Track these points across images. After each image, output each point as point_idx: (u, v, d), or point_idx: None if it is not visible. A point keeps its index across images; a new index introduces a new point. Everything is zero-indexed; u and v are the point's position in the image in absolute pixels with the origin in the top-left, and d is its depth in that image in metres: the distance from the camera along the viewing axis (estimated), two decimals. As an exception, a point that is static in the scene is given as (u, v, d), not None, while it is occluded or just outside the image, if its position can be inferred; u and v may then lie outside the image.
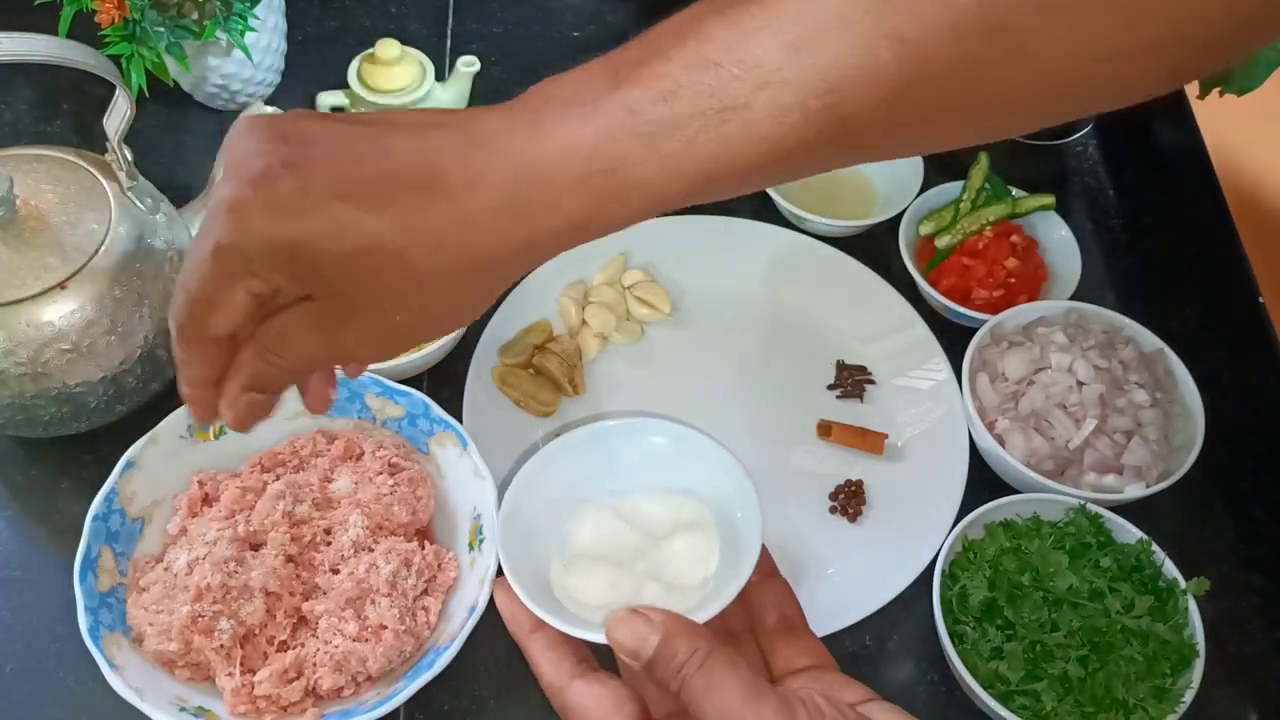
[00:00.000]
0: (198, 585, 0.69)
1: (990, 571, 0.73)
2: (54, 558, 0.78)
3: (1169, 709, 0.68)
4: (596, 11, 1.11)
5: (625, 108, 0.44)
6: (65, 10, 0.85)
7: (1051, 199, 0.93)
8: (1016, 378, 0.83)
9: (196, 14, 0.88)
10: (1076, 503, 0.76)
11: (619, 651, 0.50)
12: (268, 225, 0.43)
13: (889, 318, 0.91)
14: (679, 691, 0.48)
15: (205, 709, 0.68)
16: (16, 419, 0.76)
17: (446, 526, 0.77)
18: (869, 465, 0.85)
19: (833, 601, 0.77)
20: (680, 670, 0.47)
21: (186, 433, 0.77)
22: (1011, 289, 0.89)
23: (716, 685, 0.47)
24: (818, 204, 0.93)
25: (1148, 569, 0.74)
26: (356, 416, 0.80)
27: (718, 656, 0.48)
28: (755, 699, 0.46)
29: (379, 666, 0.70)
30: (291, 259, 0.43)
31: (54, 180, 0.77)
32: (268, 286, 0.45)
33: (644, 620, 0.49)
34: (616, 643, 0.49)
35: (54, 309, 0.73)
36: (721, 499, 0.57)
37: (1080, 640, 0.70)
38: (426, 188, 0.44)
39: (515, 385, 0.86)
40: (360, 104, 0.94)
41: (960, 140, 0.52)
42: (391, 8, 1.11)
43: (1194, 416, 0.81)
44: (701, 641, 0.48)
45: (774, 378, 0.90)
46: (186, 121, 1.01)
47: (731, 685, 0.47)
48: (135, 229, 0.77)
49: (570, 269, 0.92)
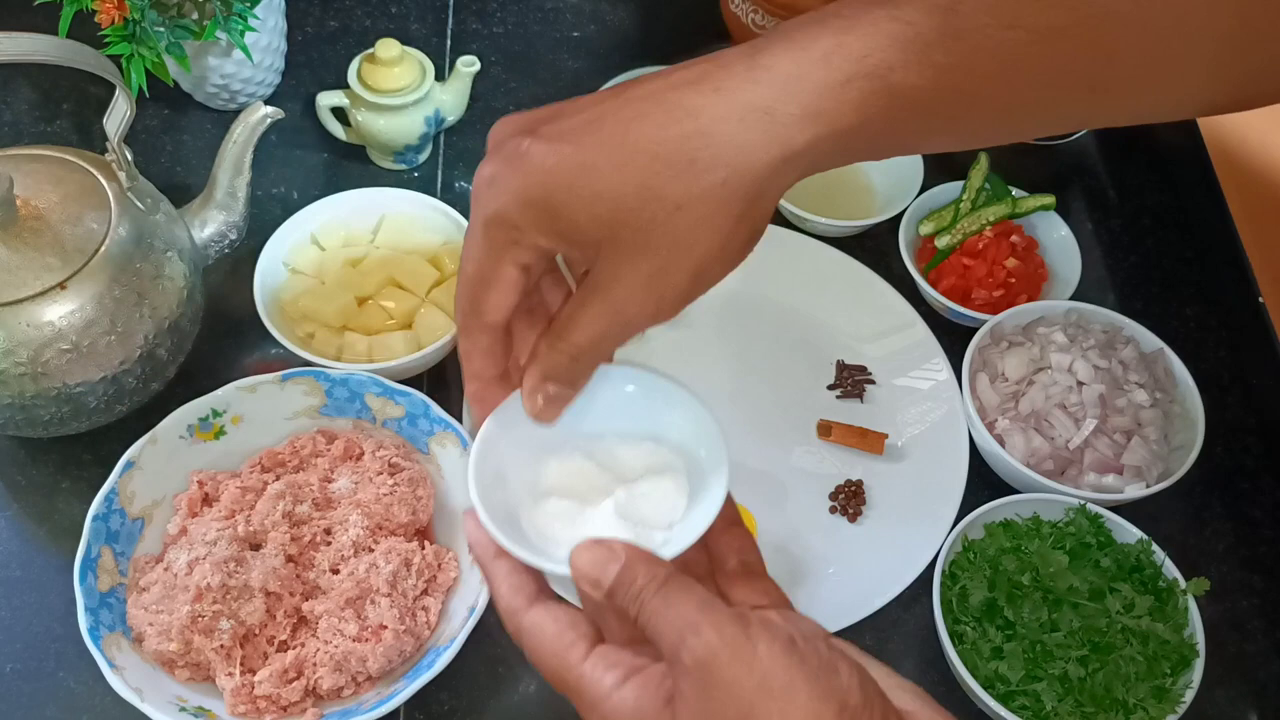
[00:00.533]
0: (198, 585, 0.69)
1: (990, 571, 0.73)
2: (54, 558, 0.78)
3: (1169, 709, 0.68)
4: (596, 11, 1.11)
5: (898, 19, 0.44)
6: (65, 10, 0.85)
7: (1051, 199, 0.93)
8: (1016, 378, 0.83)
9: (196, 14, 0.88)
10: (1076, 503, 0.76)
11: (580, 580, 0.49)
12: (522, 184, 0.44)
13: (889, 318, 0.91)
14: (637, 615, 0.47)
15: (205, 709, 0.68)
16: (16, 419, 0.76)
17: (446, 526, 0.77)
18: (869, 465, 0.85)
19: (833, 601, 0.77)
20: (639, 594, 0.47)
21: (186, 433, 0.77)
22: (1011, 289, 0.89)
23: (674, 602, 0.46)
24: (818, 204, 0.93)
25: (1148, 569, 0.74)
26: (356, 416, 0.80)
27: (676, 579, 0.47)
28: (710, 609, 0.46)
29: (379, 666, 0.70)
30: (549, 212, 0.44)
31: (54, 180, 0.77)
32: (535, 255, 0.46)
33: (606, 549, 0.48)
34: (578, 569, 0.49)
35: (54, 309, 0.73)
36: (691, 447, 0.57)
37: (1080, 640, 0.70)
38: (668, 113, 0.44)
39: (515, 385, 0.86)
40: (360, 104, 0.94)
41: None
42: (391, 8, 1.11)
43: (1194, 416, 0.81)
44: (660, 569, 0.48)
45: (774, 378, 0.90)
46: (186, 121, 1.01)
47: (688, 599, 0.46)
48: (135, 229, 0.77)
49: (570, 269, 0.92)
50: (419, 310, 0.86)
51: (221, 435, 0.79)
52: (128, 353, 0.76)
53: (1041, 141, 1.04)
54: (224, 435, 0.79)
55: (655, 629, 0.47)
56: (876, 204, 0.98)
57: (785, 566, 0.80)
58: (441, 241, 0.89)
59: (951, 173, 0.96)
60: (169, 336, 0.78)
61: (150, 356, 0.78)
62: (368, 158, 1.00)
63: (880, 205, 0.97)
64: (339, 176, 0.98)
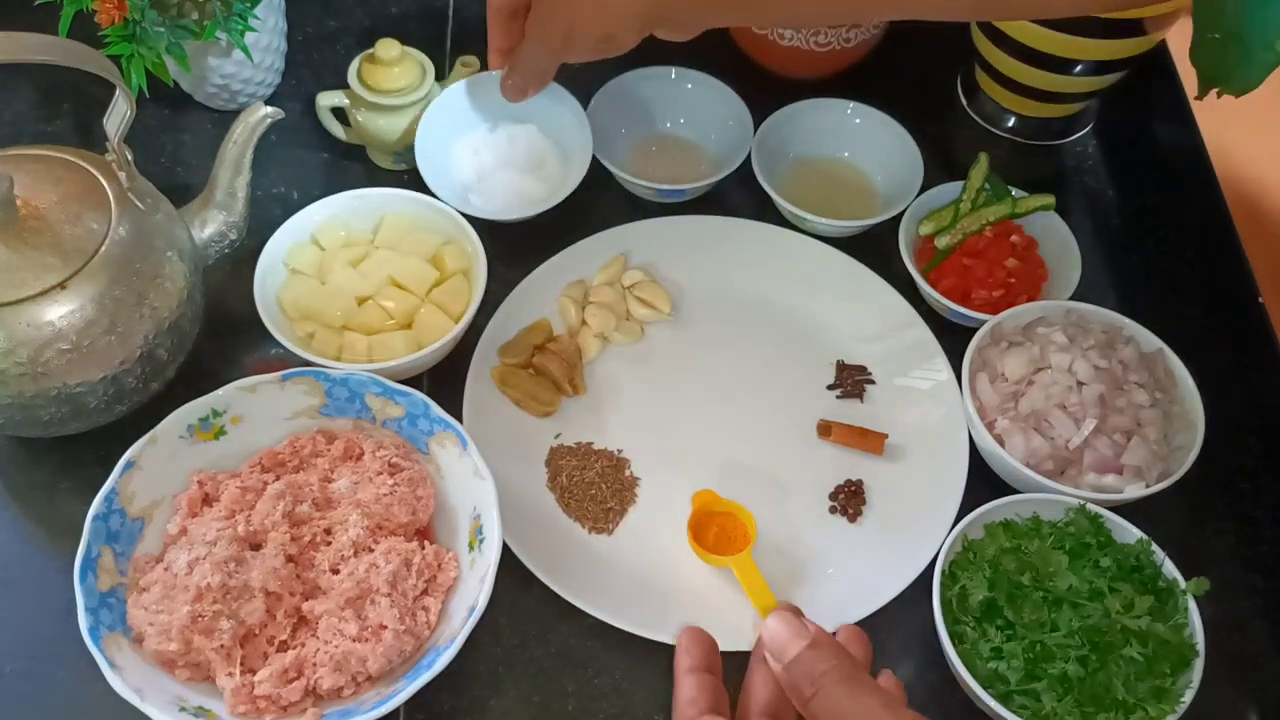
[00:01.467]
0: (198, 585, 0.69)
1: (990, 571, 0.73)
2: (54, 558, 0.78)
3: (1169, 709, 0.68)
4: (596, 11, 1.11)
5: None
6: (65, 10, 0.85)
7: (1051, 199, 0.93)
8: (1016, 378, 0.83)
9: (196, 14, 0.88)
10: (1076, 503, 0.76)
11: (766, 646, 0.57)
12: None
13: (889, 318, 0.91)
14: (812, 696, 0.53)
15: (205, 709, 0.68)
16: (16, 419, 0.76)
17: (446, 526, 0.78)
18: (869, 465, 0.85)
19: (833, 601, 0.77)
20: (821, 676, 0.52)
21: (186, 433, 0.77)
22: (1011, 289, 0.89)
23: (859, 694, 0.53)
24: (818, 204, 0.93)
25: (1148, 569, 0.74)
26: (356, 416, 0.80)
27: (862, 674, 0.55)
28: (893, 709, 0.53)
29: (379, 666, 0.70)
30: None
31: (54, 180, 0.77)
32: None
33: (799, 626, 0.57)
34: (768, 637, 0.57)
35: (54, 309, 0.73)
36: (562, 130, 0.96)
37: (1080, 640, 0.70)
38: None
39: (515, 385, 0.86)
40: (360, 104, 0.94)
41: None
42: (391, 8, 1.11)
43: (1194, 416, 0.81)
44: (847, 659, 0.52)
45: (774, 377, 0.90)
46: (186, 121, 1.01)
47: (874, 696, 0.53)
48: (135, 229, 0.77)
49: (570, 269, 0.92)
50: (419, 310, 0.86)
51: (221, 435, 0.79)
52: (128, 353, 0.76)
53: (1042, 141, 1.04)
54: (224, 435, 0.79)
55: (832, 713, 0.54)
56: (877, 204, 0.98)
57: (785, 566, 0.80)
58: (441, 241, 0.89)
59: (951, 173, 0.96)
60: (169, 336, 0.78)
61: (150, 356, 0.78)
62: (368, 158, 1.00)
63: (880, 205, 0.97)
64: (339, 176, 0.98)
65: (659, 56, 0.98)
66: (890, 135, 0.98)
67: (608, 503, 0.82)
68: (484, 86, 0.94)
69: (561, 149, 0.96)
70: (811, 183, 0.98)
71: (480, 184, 0.94)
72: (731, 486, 0.83)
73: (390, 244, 0.89)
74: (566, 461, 0.84)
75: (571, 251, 0.93)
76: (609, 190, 0.97)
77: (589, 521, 0.82)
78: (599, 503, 0.82)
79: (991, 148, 0.97)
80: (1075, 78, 0.96)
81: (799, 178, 0.98)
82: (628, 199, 0.97)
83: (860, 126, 0.99)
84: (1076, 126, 1.05)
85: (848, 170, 1.00)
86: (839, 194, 0.98)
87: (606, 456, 0.84)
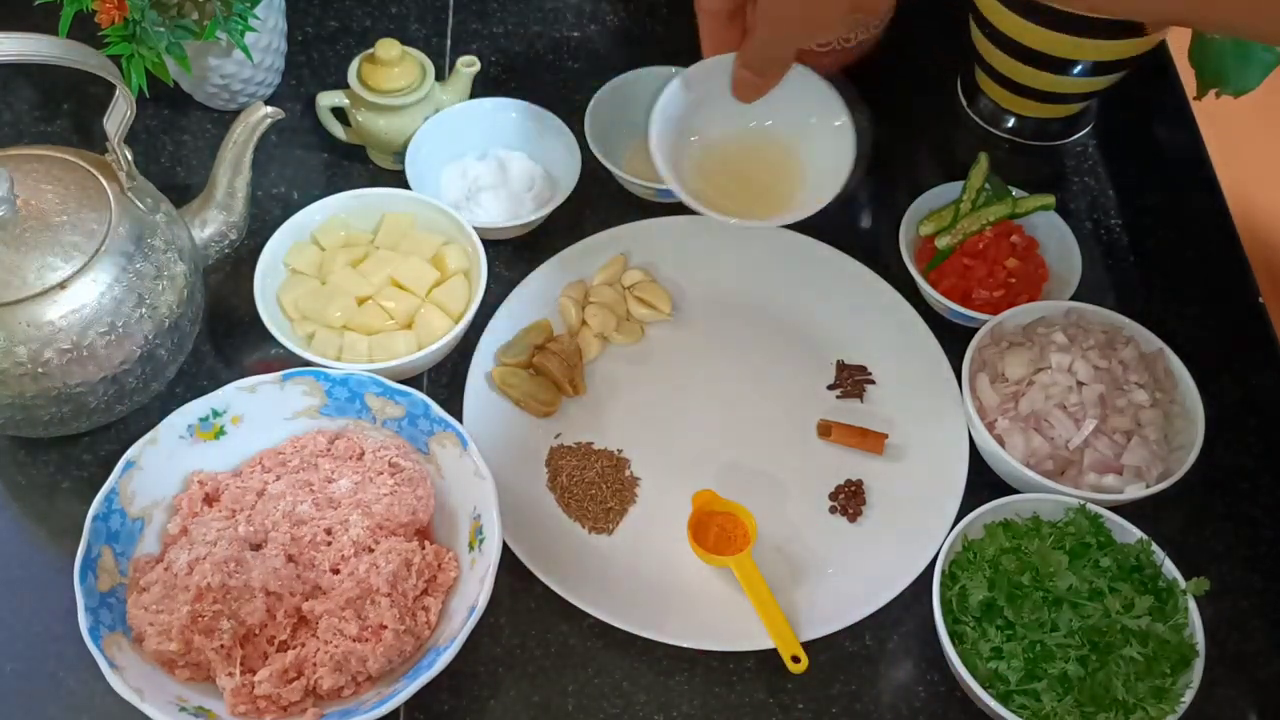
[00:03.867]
0: (198, 585, 0.69)
1: (990, 571, 0.73)
2: (54, 558, 0.78)
3: (1169, 709, 0.68)
4: (596, 11, 1.11)
5: None
6: (65, 10, 0.85)
7: (1051, 199, 0.93)
8: (1016, 378, 0.83)
9: (196, 14, 0.88)
10: (1076, 503, 0.76)
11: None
12: None
13: (889, 318, 0.91)
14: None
15: (205, 709, 0.68)
16: (16, 419, 0.76)
17: (446, 526, 0.78)
18: (869, 465, 0.85)
19: (833, 601, 0.77)
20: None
21: (186, 433, 0.77)
22: (1011, 289, 0.89)
23: None
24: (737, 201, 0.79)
25: (1148, 569, 0.74)
26: (356, 416, 0.80)
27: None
28: None
29: (379, 666, 0.70)
30: None
31: (54, 180, 0.77)
32: None
33: None
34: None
35: (54, 309, 0.73)
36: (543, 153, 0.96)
37: (1080, 640, 0.70)
38: None
39: (515, 385, 0.86)
40: (360, 104, 0.94)
41: None
42: (391, 8, 1.11)
43: (1194, 416, 0.81)
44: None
45: (774, 377, 0.90)
46: (186, 121, 1.01)
47: None
48: (135, 229, 0.77)
49: (570, 269, 0.92)
50: (419, 310, 0.86)
51: (221, 435, 0.79)
52: (128, 353, 0.76)
53: (1042, 141, 1.04)
54: (224, 435, 0.79)
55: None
56: (803, 194, 0.81)
57: (785, 566, 0.80)
58: (442, 241, 0.89)
59: (951, 173, 0.96)
60: (169, 336, 0.78)
61: (150, 356, 0.78)
62: (368, 158, 1.00)
63: (808, 193, 0.80)
64: (339, 176, 0.98)
65: (659, 57, 0.98)
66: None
67: (608, 503, 0.82)
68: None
69: (550, 176, 0.96)
70: (728, 173, 0.83)
71: (468, 204, 0.94)
72: (731, 486, 0.83)
73: (390, 244, 0.89)
74: (566, 461, 0.84)
75: (571, 252, 0.93)
76: (609, 190, 0.97)
77: (589, 521, 0.82)
78: (599, 503, 0.82)
79: (991, 148, 0.97)
80: (1075, 78, 0.96)
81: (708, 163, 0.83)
82: (628, 199, 0.97)
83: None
84: (1076, 127, 1.05)
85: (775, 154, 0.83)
86: (761, 187, 0.82)
87: (606, 456, 0.84)
